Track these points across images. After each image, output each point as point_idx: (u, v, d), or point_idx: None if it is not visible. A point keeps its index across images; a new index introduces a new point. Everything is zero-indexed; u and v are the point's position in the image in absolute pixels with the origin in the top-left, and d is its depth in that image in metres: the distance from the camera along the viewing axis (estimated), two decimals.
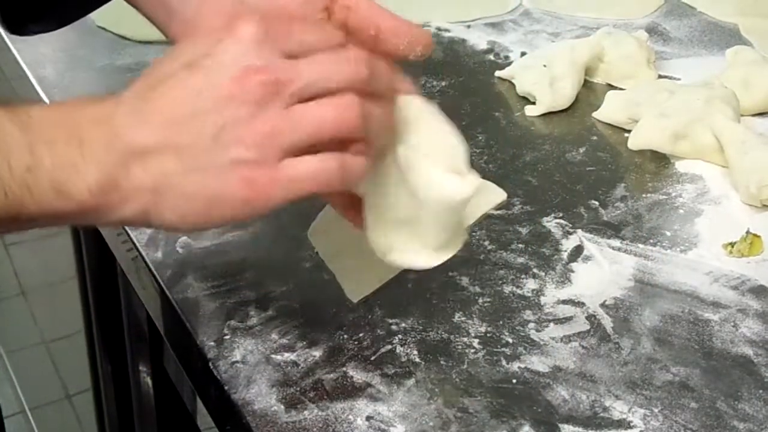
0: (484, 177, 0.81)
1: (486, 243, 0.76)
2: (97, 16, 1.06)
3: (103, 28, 1.05)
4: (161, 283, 0.72)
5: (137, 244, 0.76)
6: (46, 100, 0.94)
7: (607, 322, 0.69)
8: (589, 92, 0.96)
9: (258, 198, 0.53)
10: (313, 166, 0.54)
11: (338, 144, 0.54)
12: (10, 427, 1.84)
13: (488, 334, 0.68)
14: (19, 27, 0.77)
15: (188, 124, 0.53)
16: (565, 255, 0.75)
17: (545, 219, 0.78)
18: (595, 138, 0.89)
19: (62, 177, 0.52)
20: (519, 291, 0.71)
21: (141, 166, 0.53)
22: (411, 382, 0.64)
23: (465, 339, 0.67)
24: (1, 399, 0.76)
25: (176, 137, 0.53)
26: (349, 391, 0.63)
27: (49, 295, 2.17)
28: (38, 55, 1.01)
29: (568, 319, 0.69)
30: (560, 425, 0.61)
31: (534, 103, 0.93)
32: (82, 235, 1.22)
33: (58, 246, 0.92)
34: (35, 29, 0.77)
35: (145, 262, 0.74)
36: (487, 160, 0.85)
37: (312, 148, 0.54)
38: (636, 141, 0.86)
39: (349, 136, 0.54)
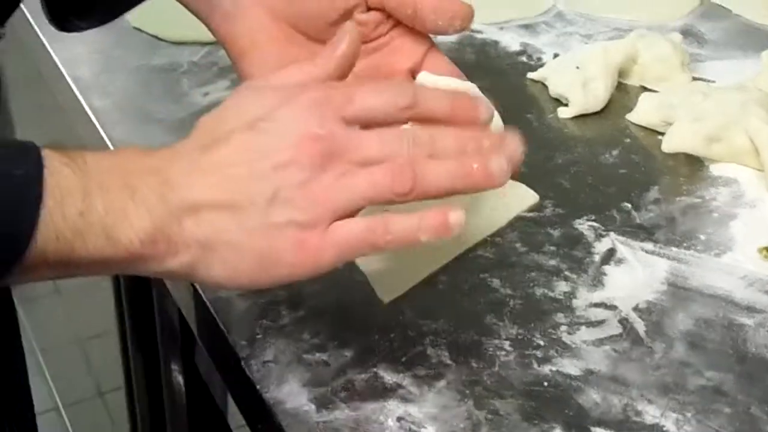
0: (515, 179, 0.81)
1: (518, 245, 0.76)
2: (132, 17, 1.07)
3: (139, 29, 1.06)
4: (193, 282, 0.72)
5: None
6: (82, 100, 0.94)
7: (640, 326, 0.69)
8: (623, 94, 0.95)
9: (307, 261, 0.54)
10: (361, 230, 0.55)
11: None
12: (43, 423, 1.86)
13: (519, 337, 0.67)
14: (65, 23, 0.78)
15: (245, 185, 0.54)
16: (597, 258, 0.75)
17: (577, 221, 0.78)
18: (628, 140, 0.89)
19: (113, 223, 0.52)
20: (551, 293, 0.71)
21: (193, 220, 0.54)
22: (442, 383, 0.64)
23: (496, 341, 0.67)
24: (35, 395, 0.77)
25: (231, 196, 0.54)
26: (380, 391, 0.63)
27: (82, 294, 2.18)
28: (74, 55, 1.02)
29: (600, 323, 0.69)
30: (592, 428, 0.61)
31: (567, 105, 0.93)
32: None
33: None
34: (81, 25, 0.78)
35: None
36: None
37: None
38: (670, 144, 0.86)
39: (401, 199, 0.55)
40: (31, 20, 1.06)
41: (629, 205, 0.80)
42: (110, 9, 0.79)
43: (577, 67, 0.94)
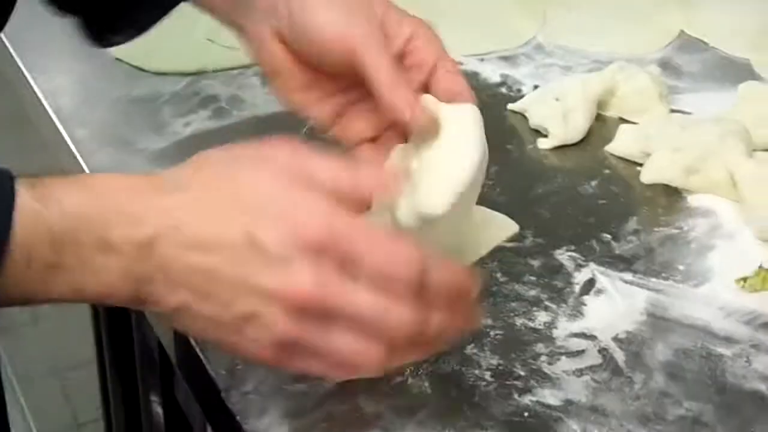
0: (495, 209, 0.82)
1: (498, 275, 0.76)
2: (114, 48, 1.07)
3: (120, 60, 1.06)
4: None
5: None
6: (62, 131, 0.94)
7: (620, 356, 0.69)
8: (602, 126, 0.96)
9: (280, 366, 0.55)
10: (320, 343, 0.54)
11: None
12: None
13: (500, 367, 0.67)
14: (102, 40, 0.78)
15: (225, 287, 0.52)
16: (577, 288, 0.75)
17: (557, 252, 0.79)
18: (607, 171, 0.89)
19: (82, 280, 0.52)
20: (531, 324, 0.71)
21: (166, 293, 0.53)
22: (422, 414, 0.64)
23: (476, 371, 0.67)
24: (12, 427, 0.76)
25: (210, 288, 0.53)
26: (361, 422, 0.63)
27: (60, 324, 2.17)
28: (55, 86, 1.02)
29: (580, 353, 0.69)
30: None
31: (546, 136, 0.93)
32: None
33: None
34: (117, 39, 0.79)
35: None
36: (499, 193, 0.85)
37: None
38: (648, 175, 0.87)
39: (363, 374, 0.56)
40: (12, 51, 1.06)
41: (608, 236, 0.81)
42: (143, 20, 0.79)
43: (557, 99, 0.94)
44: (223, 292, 0.52)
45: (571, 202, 0.85)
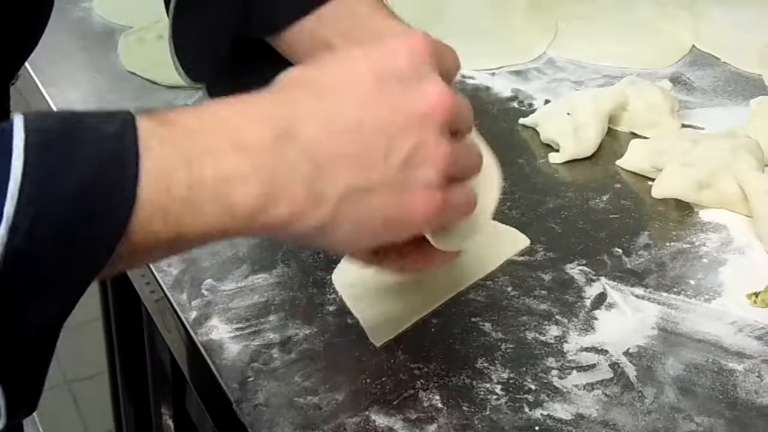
0: (507, 223, 0.82)
1: (509, 289, 0.76)
2: (126, 60, 1.08)
3: (133, 73, 1.07)
4: (186, 325, 0.73)
5: (163, 286, 0.77)
6: None
7: (631, 371, 0.69)
8: (613, 140, 0.96)
9: (432, 220, 0.54)
10: (466, 195, 0.56)
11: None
12: None
13: (511, 381, 0.67)
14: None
15: (382, 138, 0.51)
16: (588, 302, 0.75)
17: (568, 266, 0.79)
18: (618, 186, 0.89)
19: (227, 191, 0.47)
20: (542, 337, 0.71)
21: (323, 182, 0.49)
22: (433, 427, 0.64)
23: (487, 385, 0.67)
24: None
25: (363, 150, 0.50)
26: None
27: (73, 336, 2.17)
28: (68, 98, 1.02)
29: (591, 367, 0.69)
30: None
31: (558, 151, 0.93)
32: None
33: None
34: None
35: (170, 304, 0.75)
36: (511, 207, 0.85)
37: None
38: (660, 189, 0.87)
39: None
40: (25, 64, 1.07)
41: (620, 250, 0.81)
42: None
43: (568, 114, 0.94)
44: (378, 143, 0.50)
45: (582, 216, 0.85)
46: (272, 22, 0.71)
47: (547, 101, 1.02)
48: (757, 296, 0.75)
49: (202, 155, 0.47)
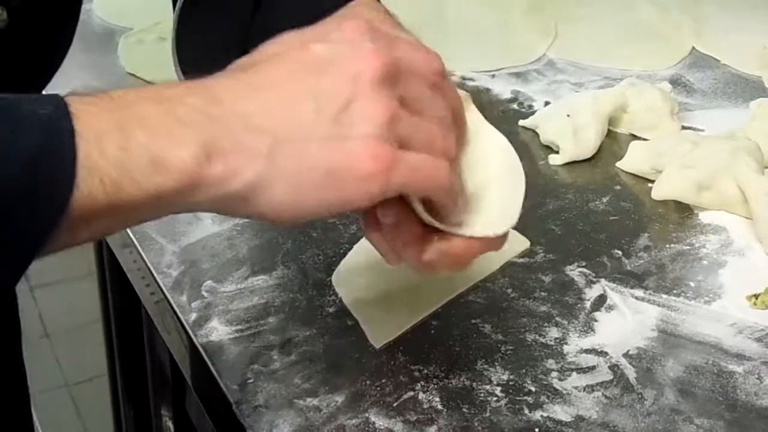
0: None
1: (509, 291, 0.76)
2: (126, 62, 1.08)
3: (133, 75, 1.07)
4: (186, 326, 0.73)
5: (162, 288, 0.77)
6: None
7: (630, 372, 0.69)
8: (613, 142, 0.96)
9: (380, 175, 0.51)
10: (430, 162, 0.53)
11: None
12: None
13: (511, 382, 0.67)
14: None
15: (309, 93, 0.50)
16: (588, 304, 0.75)
17: (568, 268, 0.79)
18: (618, 187, 0.90)
19: (160, 149, 0.47)
20: (542, 339, 0.71)
21: (252, 132, 0.49)
22: (433, 429, 0.64)
23: (487, 387, 0.67)
24: None
25: (294, 105, 0.50)
26: None
27: (73, 338, 2.18)
28: None
29: (591, 369, 0.69)
30: None
31: (557, 152, 0.93)
32: (108, 278, 1.23)
33: (82, 289, 0.93)
34: None
35: (170, 306, 0.75)
36: None
37: None
38: (660, 191, 0.87)
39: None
40: None
41: (619, 252, 0.81)
42: None
43: (568, 115, 0.95)
44: (305, 99, 0.50)
45: (582, 218, 0.85)
46: (278, 31, 0.72)
47: (547, 103, 1.02)
48: (756, 298, 0.75)
49: (133, 121, 0.47)
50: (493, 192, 0.61)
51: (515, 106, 1.03)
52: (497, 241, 0.60)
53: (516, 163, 0.63)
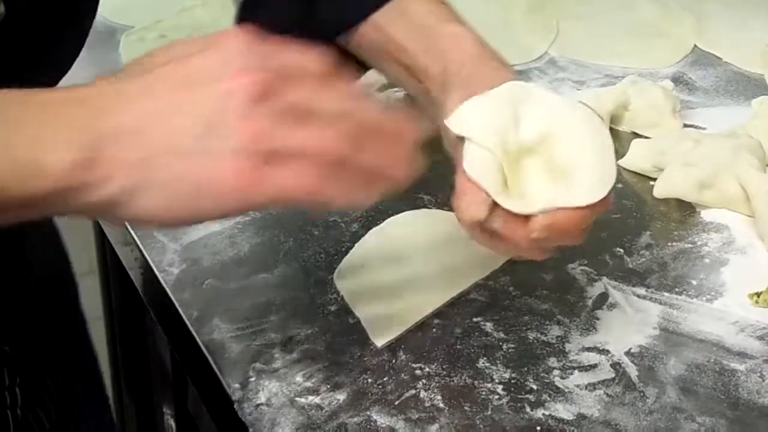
0: None
1: (510, 288, 0.76)
2: (128, 60, 1.08)
3: None
4: (187, 324, 0.73)
5: (164, 286, 0.77)
6: None
7: (632, 371, 0.69)
8: (614, 140, 0.95)
9: (245, 190, 0.52)
10: (301, 174, 0.53)
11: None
12: None
13: (512, 381, 0.67)
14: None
15: (182, 108, 0.52)
16: (589, 302, 0.75)
17: (570, 266, 0.79)
18: (620, 186, 0.89)
19: (35, 152, 0.49)
20: (543, 337, 0.71)
21: (126, 144, 0.51)
22: (435, 427, 0.64)
23: (489, 385, 0.67)
24: None
25: (167, 119, 0.52)
26: None
27: None
28: None
29: (592, 367, 0.69)
30: None
31: None
32: (110, 276, 1.23)
33: (84, 287, 0.93)
34: None
35: (172, 304, 0.75)
36: None
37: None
38: (661, 189, 0.87)
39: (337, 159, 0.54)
40: None
41: (621, 250, 0.81)
42: None
43: None
44: (175, 114, 0.51)
45: None
46: (340, 21, 0.73)
47: None
48: (759, 296, 0.75)
49: (8, 124, 0.49)
50: (587, 160, 0.65)
51: None
52: (603, 203, 0.63)
53: (598, 125, 0.67)
